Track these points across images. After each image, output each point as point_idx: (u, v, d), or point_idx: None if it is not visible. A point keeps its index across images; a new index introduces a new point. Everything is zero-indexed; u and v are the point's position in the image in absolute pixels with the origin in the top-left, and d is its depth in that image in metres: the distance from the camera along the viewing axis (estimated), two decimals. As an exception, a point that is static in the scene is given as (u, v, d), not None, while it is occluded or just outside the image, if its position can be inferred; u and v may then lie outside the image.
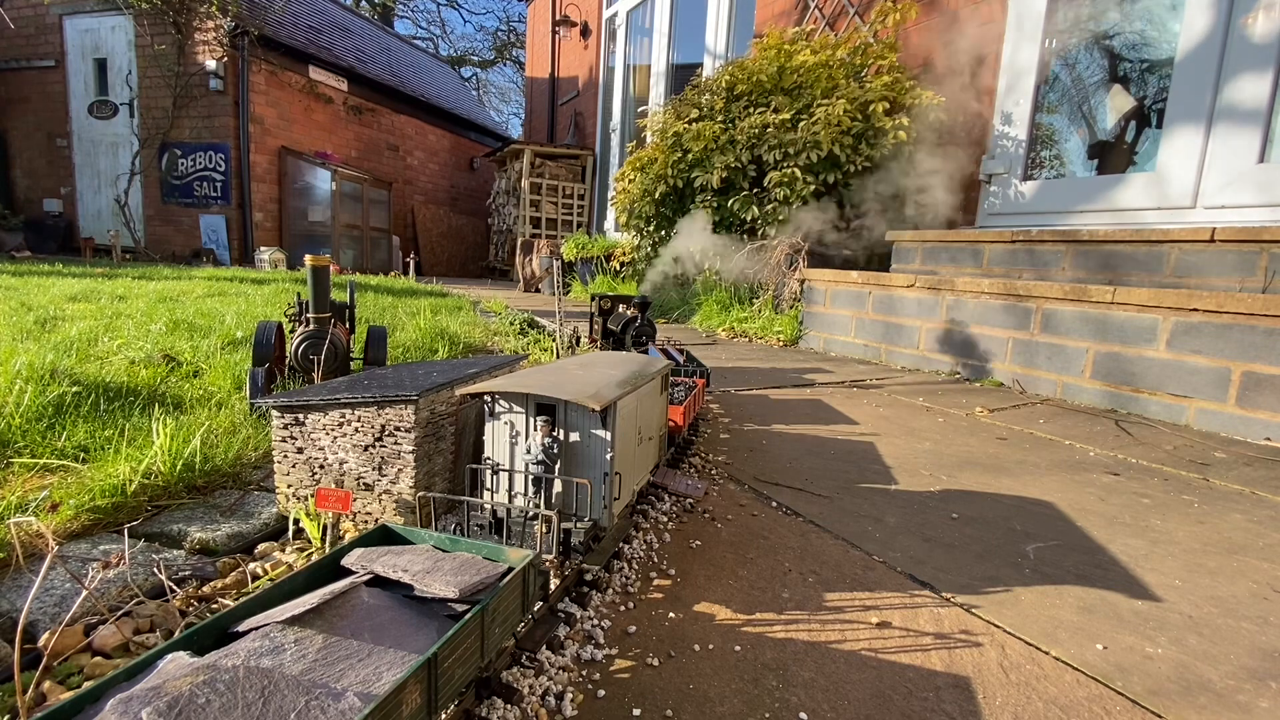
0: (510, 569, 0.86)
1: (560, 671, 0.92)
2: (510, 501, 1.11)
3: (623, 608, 1.10)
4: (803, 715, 0.86)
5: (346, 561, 0.86)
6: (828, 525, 1.48)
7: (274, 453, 1.32)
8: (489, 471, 1.13)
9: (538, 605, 0.98)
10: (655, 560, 1.27)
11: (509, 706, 0.82)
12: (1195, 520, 1.58)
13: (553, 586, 1.04)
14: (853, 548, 1.37)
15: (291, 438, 1.31)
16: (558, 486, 1.09)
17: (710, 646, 1.00)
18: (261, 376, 1.93)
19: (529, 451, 1.08)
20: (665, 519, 1.46)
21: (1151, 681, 0.95)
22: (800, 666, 0.96)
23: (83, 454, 1.54)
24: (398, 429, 1.26)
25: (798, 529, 1.46)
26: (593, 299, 2.79)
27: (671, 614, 1.09)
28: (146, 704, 0.56)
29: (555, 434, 1.09)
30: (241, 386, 2.12)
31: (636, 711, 0.85)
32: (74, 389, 1.87)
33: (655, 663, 0.96)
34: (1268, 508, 1.68)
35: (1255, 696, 0.93)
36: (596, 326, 2.77)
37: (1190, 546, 1.43)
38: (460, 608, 0.80)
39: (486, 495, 1.13)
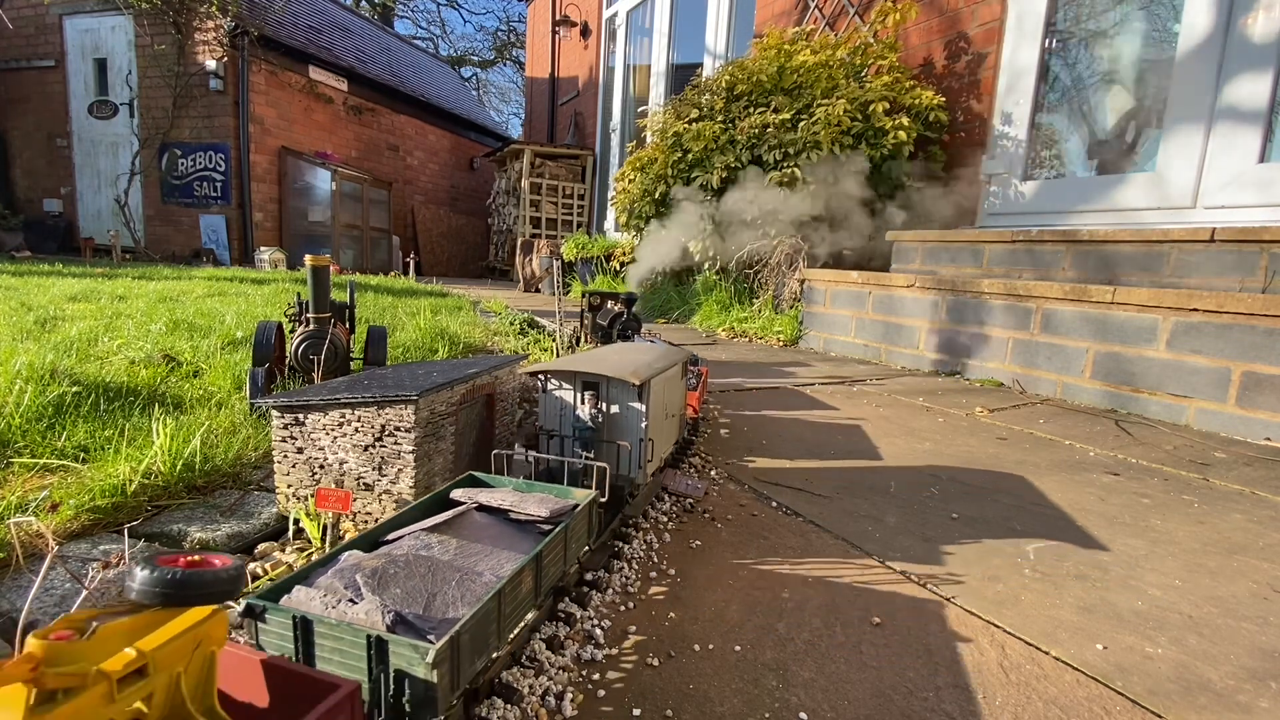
0: (578, 504, 1.08)
1: (560, 671, 0.92)
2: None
3: (623, 608, 1.10)
4: (803, 715, 0.86)
5: (454, 495, 1.11)
6: (828, 525, 1.48)
7: (274, 453, 1.32)
8: (544, 436, 1.35)
9: (594, 538, 1.18)
10: (655, 560, 1.27)
11: (509, 706, 0.82)
12: (1195, 520, 1.58)
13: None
14: (853, 548, 1.37)
15: (291, 438, 1.31)
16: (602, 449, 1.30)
17: (710, 646, 1.00)
18: (261, 376, 1.92)
19: (578, 419, 1.30)
20: (665, 519, 1.46)
21: (1151, 681, 0.95)
22: (800, 666, 0.96)
23: (83, 454, 1.54)
24: (398, 429, 1.26)
25: (798, 529, 1.46)
26: (583, 296, 3.00)
27: (671, 614, 1.09)
28: (355, 573, 0.80)
29: (600, 406, 1.31)
30: (241, 386, 2.11)
31: (636, 711, 0.85)
32: (74, 389, 1.86)
33: (655, 663, 0.96)
34: (1268, 508, 1.68)
35: (1255, 696, 0.93)
36: (587, 321, 2.96)
37: (1190, 546, 1.43)
38: (546, 527, 1.04)
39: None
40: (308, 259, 2.01)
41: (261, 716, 0.61)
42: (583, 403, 1.31)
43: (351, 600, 0.76)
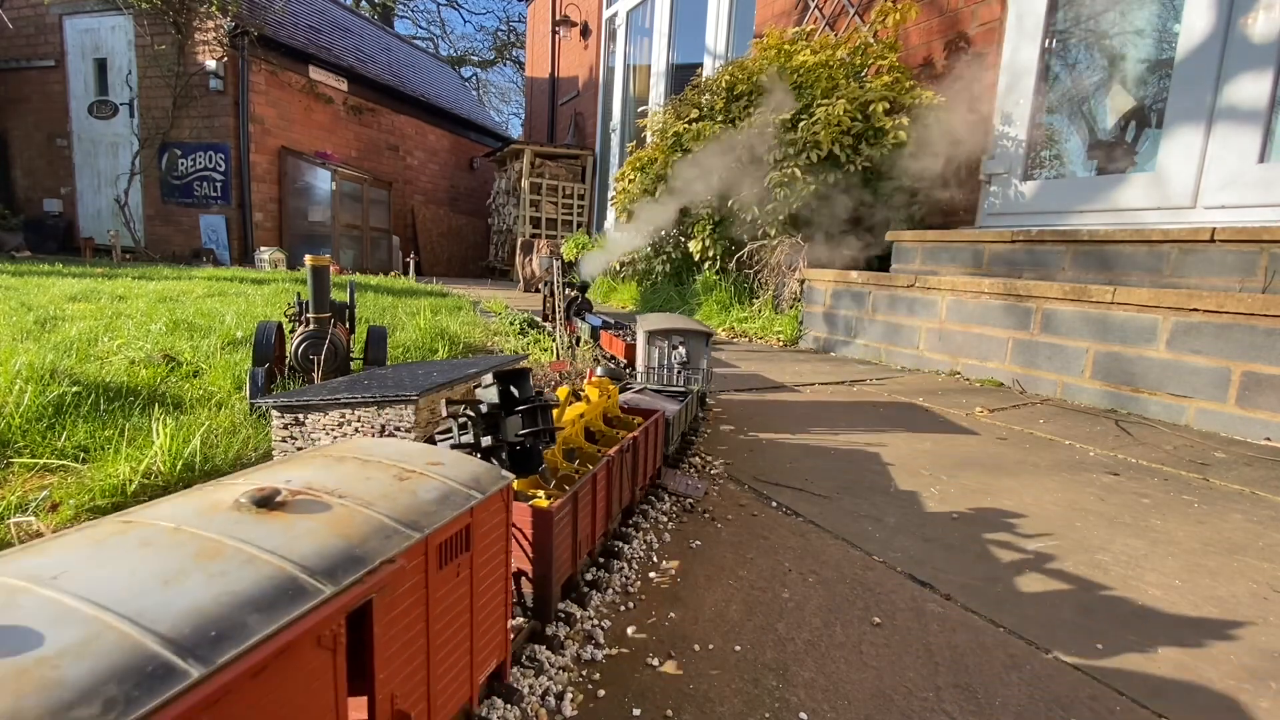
0: (693, 390, 2.07)
1: (560, 671, 0.91)
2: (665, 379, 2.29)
3: (623, 608, 1.10)
4: (803, 715, 0.86)
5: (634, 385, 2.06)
6: (828, 525, 1.48)
7: (274, 453, 1.32)
8: (652, 368, 2.27)
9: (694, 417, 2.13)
10: (655, 560, 1.27)
11: (509, 706, 0.82)
12: (1195, 520, 1.58)
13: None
14: (853, 548, 1.37)
15: (291, 438, 1.31)
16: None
17: (710, 646, 1.00)
18: (261, 376, 1.92)
19: (671, 358, 2.23)
20: (665, 519, 1.46)
21: (1152, 681, 0.95)
22: (800, 666, 0.96)
23: (83, 454, 1.54)
24: (398, 429, 1.26)
25: (798, 529, 1.46)
26: (544, 284, 3.73)
27: (671, 614, 1.09)
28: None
29: (685, 350, 2.22)
30: (241, 386, 2.11)
31: (636, 711, 0.85)
32: (74, 389, 1.86)
33: (655, 663, 0.96)
34: (1268, 508, 1.68)
35: (1255, 696, 0.93)
36: (549, 303, 3.64)
37: (1190, 546, 1.43)
38: (682, 400, 1.87)
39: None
40: (308, 259, 2.01)
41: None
42: (674, 348, 2.23)
43: None
